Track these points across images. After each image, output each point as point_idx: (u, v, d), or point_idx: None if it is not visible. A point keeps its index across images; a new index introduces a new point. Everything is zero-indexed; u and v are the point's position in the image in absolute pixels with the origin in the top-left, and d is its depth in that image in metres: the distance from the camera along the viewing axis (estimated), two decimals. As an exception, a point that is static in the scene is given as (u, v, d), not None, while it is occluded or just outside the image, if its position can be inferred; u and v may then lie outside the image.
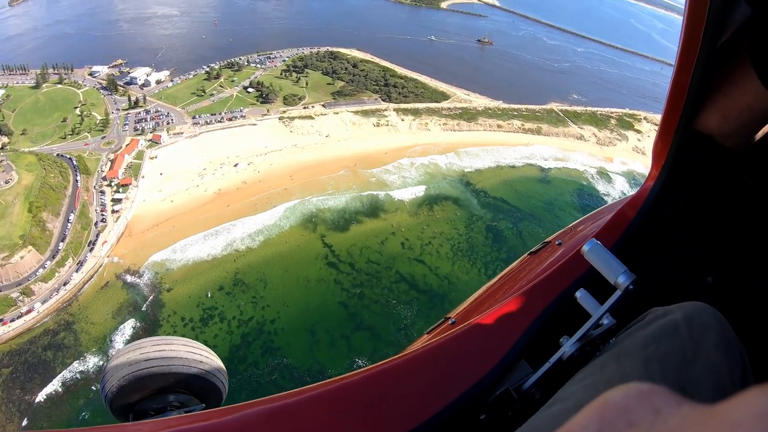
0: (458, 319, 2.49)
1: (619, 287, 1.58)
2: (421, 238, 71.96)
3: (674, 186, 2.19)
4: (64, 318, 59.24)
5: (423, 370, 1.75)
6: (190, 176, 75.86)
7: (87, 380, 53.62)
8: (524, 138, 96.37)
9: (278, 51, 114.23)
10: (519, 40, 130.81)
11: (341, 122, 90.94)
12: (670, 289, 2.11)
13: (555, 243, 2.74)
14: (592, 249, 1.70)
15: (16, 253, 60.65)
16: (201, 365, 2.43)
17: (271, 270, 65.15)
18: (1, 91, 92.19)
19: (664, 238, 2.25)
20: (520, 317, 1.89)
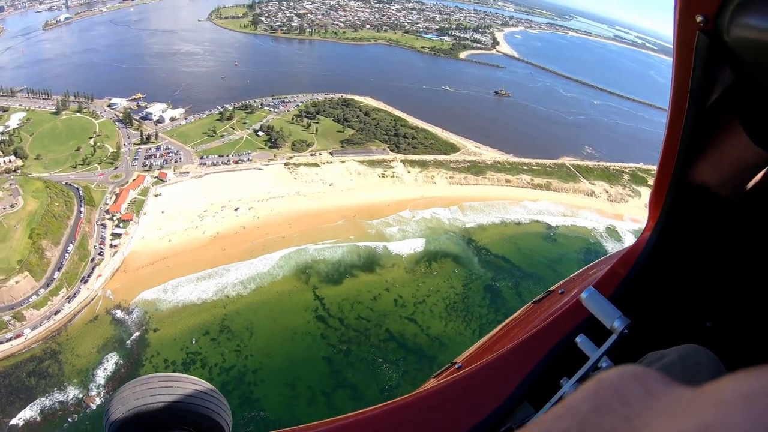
0: (464, 363, 2.58)
1: (615, 331, 1.70)
2: (416, 295, 70.75)
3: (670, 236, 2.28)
4: (51, 347, 59.66)
5: (431, 409, 1.85)
6: (190, 217, 76.58)
7: (65, 411, 54.04)
8: (532, 194, 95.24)
9: (293, 95, 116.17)
10: (535, 92, 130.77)
11: (346, 171, 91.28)
12: (667, 334, 2.19)
13: (558, 292, 2.85)
14: (589, 296, 1.84)
15: (12, 277, 61.66)
16: (207, 404, 2.34)
17: (259, 319, 64.61)
18: (23, 114, 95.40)
19: (660, 286, 2.32)
20: (524, 361, 1.97)
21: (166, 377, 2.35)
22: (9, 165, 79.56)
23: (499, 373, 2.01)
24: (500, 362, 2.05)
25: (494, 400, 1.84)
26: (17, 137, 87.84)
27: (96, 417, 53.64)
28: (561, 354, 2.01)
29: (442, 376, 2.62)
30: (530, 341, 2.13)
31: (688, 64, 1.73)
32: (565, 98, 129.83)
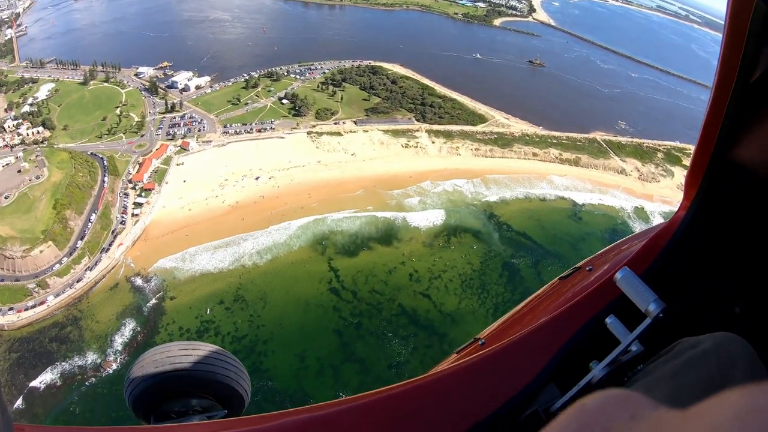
0: (488, 340, 2.51)
1: (649, 315, 1.64)
2: (432, 270, 69.72)
3: (706, 216, 2.23)
4: (73, 313, 61.98)
5: (455, 388, 1.82)
6: (211, 186, 77.15)
7: (83, 375, 56.36)
8: (560, 169, 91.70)
9: (320, 62, 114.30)
10: (570, 63, 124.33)
11: (369, 141, 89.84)
12: (699, 318, 2.13)
13: (585, 269, 2.75)
14: (624, 277, 1.77)
15: (36, 247, 63.89)
16: (226, 372, 2.42)
17: (273, 289, 65.15)
18: (52, 84, 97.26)
19: (694, 267, 2.27)
20: (551, 341, 1.94)
21: (185, 345, 2.44)
22: (37, 136, 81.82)
23: (525, 352, 1.97)
24: (526, 341, 2.00)
25: (520, 380, 1.80)
26: (45, 108, 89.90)
27: (112, 381, 55.79)
28: (590, 335, 1.96)
29: (465, 353, 2.55)
30: (558, 320, 2.09)
31: (740, 36, 1.68)
32: (601, 70, 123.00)
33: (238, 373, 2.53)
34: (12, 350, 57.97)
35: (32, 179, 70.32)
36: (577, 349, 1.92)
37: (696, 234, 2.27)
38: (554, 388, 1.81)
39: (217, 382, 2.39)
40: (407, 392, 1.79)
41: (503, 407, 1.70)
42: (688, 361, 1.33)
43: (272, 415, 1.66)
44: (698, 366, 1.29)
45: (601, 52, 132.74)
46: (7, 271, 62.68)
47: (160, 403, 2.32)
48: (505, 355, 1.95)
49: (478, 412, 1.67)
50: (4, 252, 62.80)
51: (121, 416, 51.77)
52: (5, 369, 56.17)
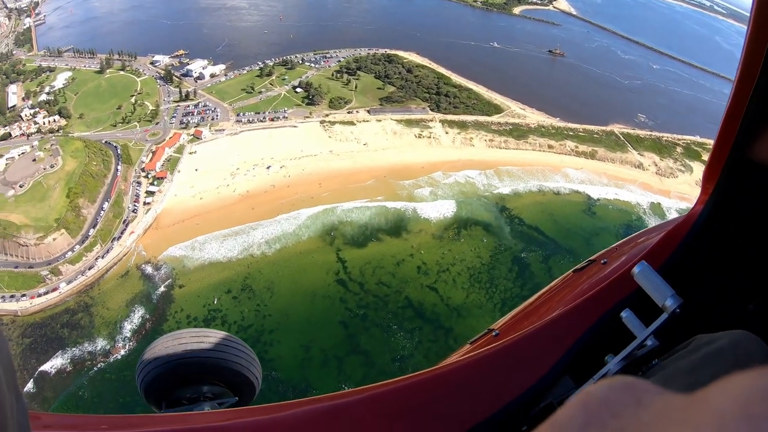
0: (502, 331, 2.52)
1: (666, 310, 1.63)
2: (440, 263, 69.24)
3: (723, 212, 2.20)
4: (84, 300, 63.18)
5: (469, 380, 1.82)
6: (222, 175, 77.46)
7: (92, 360, 57.77)
8: (576, 162, 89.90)
9: (335, 50, 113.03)
10: (591, 53, 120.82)
11: (382, 131, 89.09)
12: (714, 315, 2.11)
13: (600, 262, 2.73)
14: (642, 271, 1.75)
15: (50, 234, 65.09)
16: (237, 359, 2.42)
17: (280, 279, 65.46)
18: (69, 73, 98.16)
19: (711, 263, 2.24)
20: (565, 333, 1.93)
21: (197, 332, 2.47)
22: (53, 125, 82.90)
23: (539, 345, 1.97)
24: (542, 333, 1.99)
25: (534, 372, 1.79)
26: (62, 97, 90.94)
27: (120, 367, 56.88)
28: (605, 328, 1.94)
29: (479, 344, 2.54)
30: (573, 312, 2.07)
31: (765, 30, 1.67)
32: (622, 60, 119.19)
33: (250, 361, 2.53)
34: (25, 335, 59.46)
35: (46, 168, 71.48)
36: (592, 342, 1.91)
37: (713, 229, 2.23)
38: (569, 380, 1.80)
39: (228, 369, 2.40)
40: (420, 383, 1.78)
41: (518, 399, 1.70)
42: (704, 358, 1.32)
43: (283, 405, 1.67)
44: (714, 363, 1.28)
45: (622, 42, 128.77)
46: (21, 258, 64.06)
47: (171, 390, 2.33)
48: (519, 348, 1.94)
49: (492, 404, 1.67)
50: (18, 239, 64.14)
51: (128, 401, 53.16)
52: (18, 354, 57.63)
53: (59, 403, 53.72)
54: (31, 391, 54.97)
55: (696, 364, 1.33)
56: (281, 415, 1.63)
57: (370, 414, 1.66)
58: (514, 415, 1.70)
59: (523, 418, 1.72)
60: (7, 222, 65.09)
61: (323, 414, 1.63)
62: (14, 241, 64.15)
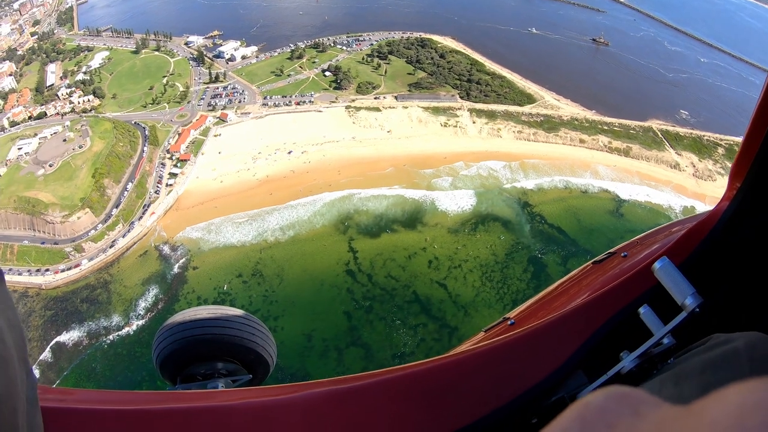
0: (517, 320, 2.51)
1: (686, 308, 1.60)
2: (453, 259, 67.96)
3: (750, 209, 2.11)
4: (104, 277, 65.98)
5: (483, 368, 1.81)
6: (243, 158, 78.47)
7: (106, 335, 60.30)
8: (608, 159, 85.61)
9: (369, 33, 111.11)
10: (635, 42, 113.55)
11: (407, 118, 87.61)
12: (734, 315, 2.09)
13: (620, 255, 2.67)
14: (663, 267, 1.72)
15: (75, 213, 68.15)
16: (253, 337, 2.45)
17: (290, 266, 66.11)
18: (106, 53, 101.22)
19: (734, 261, 2.19)
20: (581, 327, 1.90)
21: (213, 309, 2.48)
22: (86, 104, 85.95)
23: (555, 337, 1.93)
24: (557, 324, 1.96)
25: (549, 365, 1.77)
26: (97, 77, 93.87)
27: (131, 343, 59.36)
28: (622, 323, 1.91)
29: (493, 332, 2.52)
30: (590, 306, 2.02)
31: None
32: (668, 52, 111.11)
33: (265, 339, 2.54)
34: (47, 308, 62.80)
35: (75, 148, 74.55)
36: (607, 337, 1.88)
37: (738, 227, 2.12)
38: (582, 375, 1.77)
39: (243, 346, 2.40)
40: (433, 369, 1.78)
41: (530, 391, 1.69)
42: (719, 359, 1.31)
43: (296, 386, 1.68)
44: (729, 365, 1.27)
45: (669, 32, 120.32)
46: (48, 235, 67.44)
47: (186, 366, 2.35)
48: (534, 338, 1.92)
49: (504, 394, 1.67)
50: (45, 217, 67.44)
51: (136, 376, 55.63)
52: (39, 325, 61.16)
53: (72, 372, 56.80)
54: (48, 360, 58.28)
55: (709, 365, 1.32)
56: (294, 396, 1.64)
57: (384, 397, 1.67)
58: (525, 406, 1.68)
59: (534, 410, 1.70)
60: (36, 200, 68.50)
61: (338, 396, 1.65)
62: (42, 218, 67.54)
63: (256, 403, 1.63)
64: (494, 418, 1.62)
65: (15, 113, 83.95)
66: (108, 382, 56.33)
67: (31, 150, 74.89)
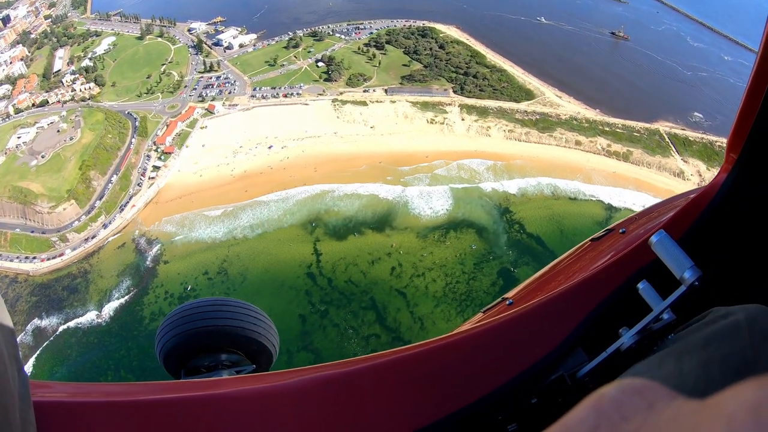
0: (516, 300, 2.58)
1: (685, 282, 1.61)
2: (417, 266, 67.27)
3: (747, 182, 2.18)
4: (84, 267, 69.91)
5: (481, 348, 1.87)
6: (225, 152, 79.59)
7: (80, 324, 64.09)
8: (605, 163, 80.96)
9: (370, 21, 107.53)
10: (656, 37, 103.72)
11: (393, 113, 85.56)
12: (734, 288, 2.15)
13: (618, 231, 2.72)
14: (660, 241, 1.74)
15: (61, 204, 72.00)
16: (255, 327, 2.54)
17: (254, 265, 67.58)
18: (113, 38, 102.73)
19: (733, 234, 2.26)
20: (580, 304, 1.95)
21: (215, 301, 2.52)
22: (86, 93, 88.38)
23: (553, 315, 1.95)
24: (556, 302, 1.97)
25: (548, 343, 1.78)
26: (101, 63, 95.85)
27: (102, 332, 63.20)
28: (620, 300, 1.91)
29: (492, 312, 2.56)
30: (588, 283, 2.04)
31: None
32: (689, 48, 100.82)
33: (267, 329, 2.59)
34: (33, 294, 67.45)
35: (66, 140, 77.97)
36: (606, 313, 1.89)
37: (736, 200, 2.16)
38: (581, 353, 1.79)
39: (245, 337, 2.45)
40: (432, 351, 1.80)
41: (529, 370, 1.71)
42: (720, 333, 1.31)
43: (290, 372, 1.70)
44: (730, 338, 1.27)
45: (694, 27, 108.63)
46: (36, 224, 71.73)
47: (190, 358, 2.42)
48: (533, 317, 1.94)
49: (502, 374, 1.69)
50: (35, 207, 71.63)
51: (104, 364, 59.90)
52: (25, 310, 65.82)
53: (44, 352, 61.37)
54: (30, 343, 63.01)
55: (710, 339, 1.31)
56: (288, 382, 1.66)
57: (383, 381, 1.68)
58: (525, 386, 1.70)
59: (534, 389, 1.72)
60: (27, 190, 72.72)
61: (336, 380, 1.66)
62: (32, 208, 71.78)
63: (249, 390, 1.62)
64: (493, 398, 1.63)
65: (20, 100, 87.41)
66: (78, 367, 60.54)
67: (29, 139, 78.78)
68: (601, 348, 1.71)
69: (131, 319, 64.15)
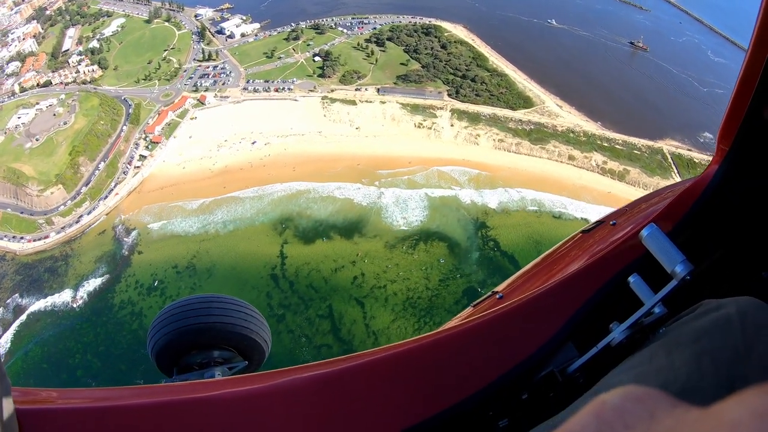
0: (506, 294, 2.57)
1: (676, 276, 1.59)
2: (380, 277, 66.63)
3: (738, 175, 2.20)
4: (66, 251, 72.97)
5: (471, 345, 1.87)
6: (209, 146, 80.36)
7: (55, 305, 67.08)
8: (598, 181, 76.72)
9: (376, 16, 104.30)
10: (675, 48, 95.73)
11: (381, 115, 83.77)
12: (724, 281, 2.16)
13: (609, 223, 2.71)
14: (650, 234, 1.72)
15: (49, 188, 75.05)
16: (247, 324, 2.53)
17: (222, 262, 68.60)
18: (122, 20, 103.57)
19: (724, 226, 2.25)
20: (570, 298, 1.92)
21: (206, 298, 2.52)
22: (87, 76, 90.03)
23: (544, 309, 1.96)
24: (546, 296, 1.99)
25: (538, 338, 1.80)
26: (107, 45, 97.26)
27: (74, 316, 65.99)
28: (611, 293, 1.92)
29: (481, 307, 2.58)
30: (578, 276, 2.06)
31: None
32: (709, 63, 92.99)
33: (259, 325, 2.60)
34: (17, 273, 71.05)
35: (60, 125, 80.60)
36: (597, 308, 1.88)
37: (726, 193, 2.19)
38: (572, 348, 1.79)
39: (237, 334, 2.46)
40: (422, 347, 1.82)
41: (519, 366, 1.71)
42: (711, 326, 1.32)
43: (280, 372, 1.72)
44: (721, 331, 1.28)
45: (717, 39, 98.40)
46: (26, 205, 75.12)
47: (182, 356, 2.41)
48: (523, 312, 1.94)
49: (493, 370, 1.69)
50: (26, 189, 75.01)
51: (75, 345, 62.89)
52: (9, 287, 69.61)
53: (21, 328, 64.84)
54: (9, 318, 66.79)
55: (702, 332, 1.32)
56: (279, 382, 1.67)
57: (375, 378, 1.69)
58: (515, 381, 1.70)
59: (524, 385, 1.72)
60: (20, 172, 76.07)
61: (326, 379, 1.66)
62: (23, 190, 75.16)
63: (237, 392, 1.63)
64: (485, 394, 1.63)
65: (25, 79, 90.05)
66: (48, 346, 63.87)
67: (27, 120, 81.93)
68: (592, 343, 1.71)
69: (102, 305, 66.63)
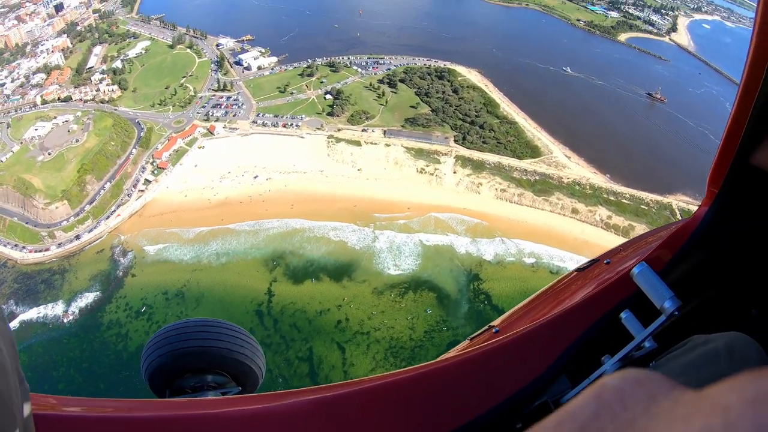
0: (502, 328, 2.62)
1: (665, 312, 1.64)
2: (364, 323, 66.06)
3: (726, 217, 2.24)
4: (64, 265, 74.49)
5: (467, 375, 1.91)
6: (212, 176, 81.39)
7: (47, 317, 68.42)
8: (601, 237, 74.19)
9: (391, 57, 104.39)
10: (693, 100, 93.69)
11: (384, 158, 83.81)
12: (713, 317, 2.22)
13: (603, 262, 2.80)
14: (641, 272, 1.79)
15: (54, 203, 77.12)
16: (241, 349, 2.52)
17: (210, 294, 69.07)
18: (148, 42, 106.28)
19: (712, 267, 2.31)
20: (564, 333, 1.98)
21: (202, 322, 2.51)
22: (106, 95, 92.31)
23: (538, 343, 2.02)
24: (541, 331, 2.04)
25: (532, 370, 1.84)
26: (129, 67, 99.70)
27: (64, 330, 67.05)
28: (604, 329, 1.99)
29: (478, 340, 2.65)
30: (573, 312, 2.13)
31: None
32: (726, 115, 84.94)
33: (254, 351, 2.59)
34: (16, 281, 72.86)
35: (73, 142, 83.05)
36: (590, 342, 1.93)
37: (715, 234, 2.25)
38: (565, 380, 1.83)
39: (232, 359, 2.45)
40: (419, 377, 1.84)
41: (513, 397, 1.73)
42: (699, 360, 1.35)
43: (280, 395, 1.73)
44: (709, 365, 1.31)
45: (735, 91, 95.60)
46: (31, 216, 77.21)
47: (175, 379, 2.40)
48: (518, 345, 1.98)
49: (488, 401, 1.71)
50: (33, 201, 77.23)
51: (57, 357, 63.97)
52: (6, 294, 71.33)
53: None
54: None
55: (690, 366, 1.35)
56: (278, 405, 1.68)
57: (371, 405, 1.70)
58: (510, 412, 1.72)
59: (518, 415, 1.74)
60: (29, 183, 78.45)
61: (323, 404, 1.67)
62: (30, 201, 77.41)
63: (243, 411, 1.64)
64: (479, 424, 1.63)
65: (48, 92, 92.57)
66: (35, 356, 64.80)
67: (43, 134, 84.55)
68: (585, 375, 1.76)
69: (91, 323, 67.64)
